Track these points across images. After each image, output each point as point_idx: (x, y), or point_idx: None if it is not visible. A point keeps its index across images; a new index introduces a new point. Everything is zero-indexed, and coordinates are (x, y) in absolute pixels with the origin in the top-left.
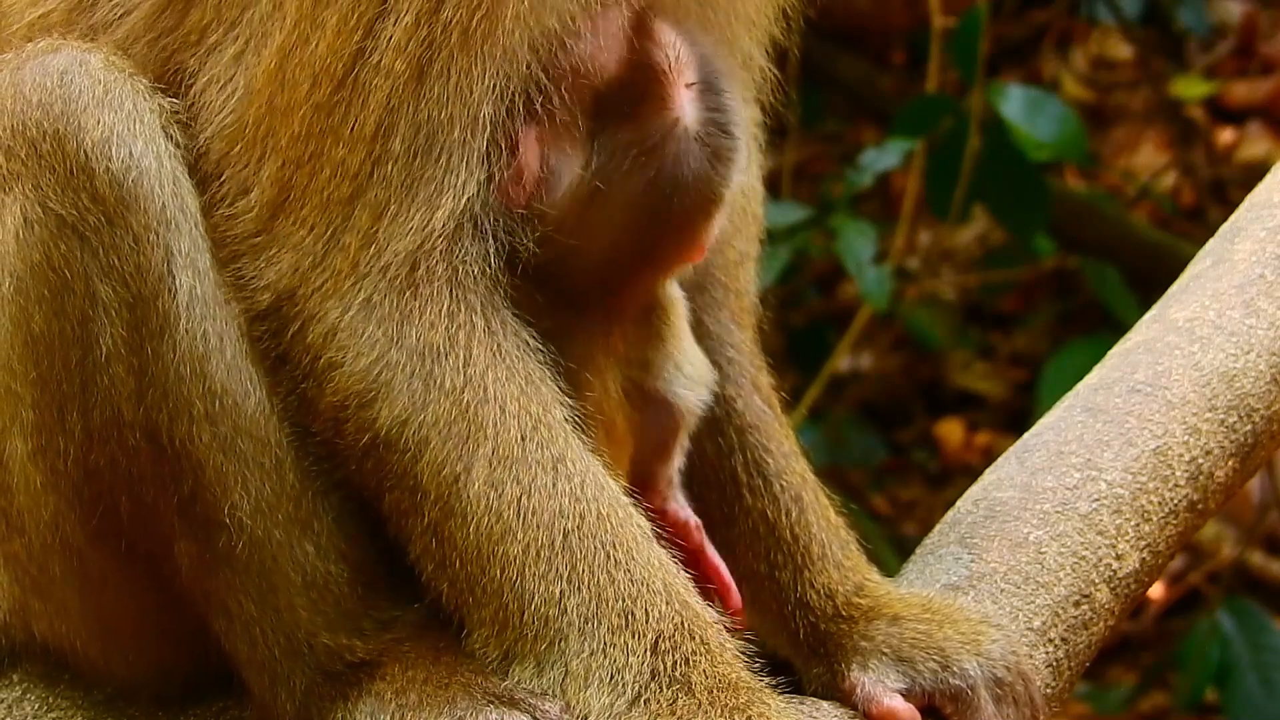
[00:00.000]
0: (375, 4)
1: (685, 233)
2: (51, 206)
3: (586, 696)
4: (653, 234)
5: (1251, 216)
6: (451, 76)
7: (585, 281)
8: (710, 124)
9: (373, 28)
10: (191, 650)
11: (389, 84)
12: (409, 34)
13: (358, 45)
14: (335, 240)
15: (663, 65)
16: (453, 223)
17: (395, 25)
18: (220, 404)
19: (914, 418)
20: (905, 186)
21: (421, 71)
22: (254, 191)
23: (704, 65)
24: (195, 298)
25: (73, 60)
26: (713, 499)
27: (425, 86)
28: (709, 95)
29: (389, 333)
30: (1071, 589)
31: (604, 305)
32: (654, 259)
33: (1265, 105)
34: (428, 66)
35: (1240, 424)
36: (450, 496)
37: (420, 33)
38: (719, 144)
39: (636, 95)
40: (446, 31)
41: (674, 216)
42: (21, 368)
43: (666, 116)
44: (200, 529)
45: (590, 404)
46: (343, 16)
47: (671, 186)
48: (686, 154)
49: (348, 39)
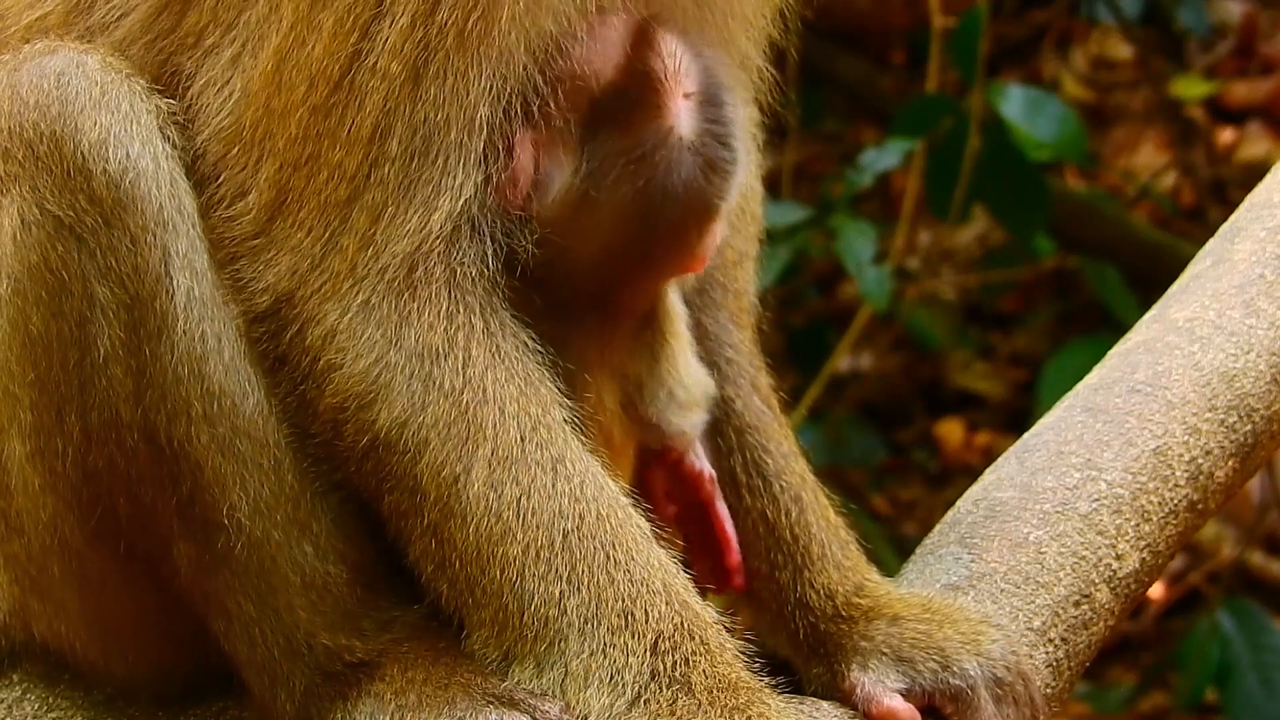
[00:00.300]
0: (371, 6)
1: (677, 242)
2: (49, 208)
3: (586, 697)
4: (643, 242)
5: (1251, 216)
6: (448, 79)
7: (578, 285)
8: (707, 135)
9: (369, 30)
10: (191, 651)
11: (385, 86)
12: (405, 36)
13: (354, 48)
14: (333, 242)
15: (660, 73)
16: (450, 224)
17: (391, 28)
18: (218, 405)
19: (914, 418)
20: (905, 186)
21: (418, 74)
22: (251, 194)
23: (706, 77)
24: (193, 299)
25: (70, 62)
26: None
27: (422, 88)
28: (708, 107)
29: (388, 334)
30: (1071, 589)
31: (600, 312)
32: (646, 267)
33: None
34: (424, 69)
35: (1240, 424)
36: (450, 497)
37: (416, 35)
38: (715, 156)
39: (632, 102)
40: (442, 33)
41: (665, 226)
42: (19, 369)
43: (660, 125)
44: (199, 530)
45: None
46: (339, 19)
47: (662, 195)
48: (679, 163)
49: (344, 41)
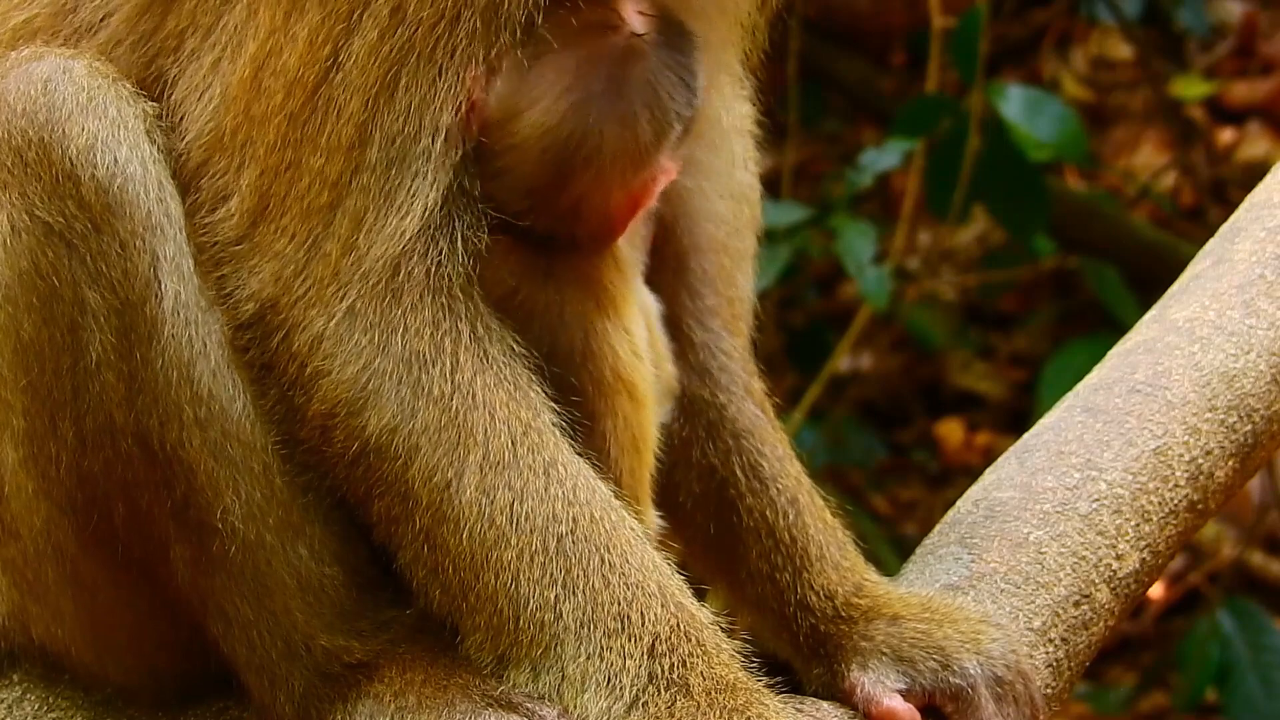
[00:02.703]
0: (342, 19)
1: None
2: (38, 214)
3: (584, 700)
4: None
5: (1251, 216)
6: (418, 90)
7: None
8: (664, 44)
9: (340, 44)
10: (186, 654)
11: (361, 96)
12: (375, 51)
13: (328, 59)
14: (316, 248)
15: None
16: (428, 226)
17: (362, 43)
18: (209, 409)
19: (914, 418)
20: (905, 186)
21: (391, 85)
22: (234, 199)
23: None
24: (181, 303)
25: (56, 68)
26: (711, 504)
27: (396, 98)
28: (666, 24)
29: (375, 340)
30: (1071, 589)
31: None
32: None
33: (1265, 105)
34: (395, 81)
35: (1240, 424)
36: (442, 503)
37: (385, 49)
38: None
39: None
40: (410, 47)
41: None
42: (12, 375)
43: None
44: (194, 533)
45: (607, 371)
46: (312, 31)
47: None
48: (630, 50)
49: (318, 53)
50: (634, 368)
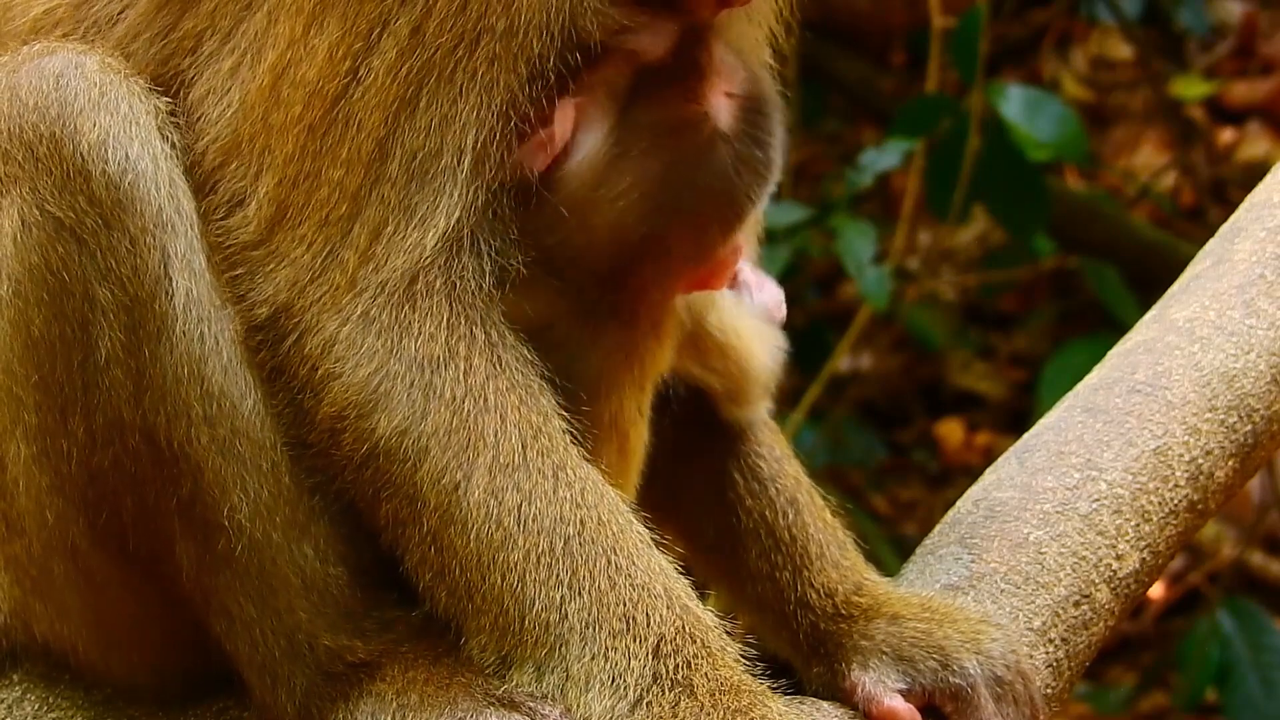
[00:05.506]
0: (362, 37)
1: (697, 236)
2: (49, 209)
3: (588, 700)
4: (662, 226)
5: (1251, 216)
6: (439, 107)
7: (591, 266)
8: (744, 134)
9: (360, 61)
10: (191, 651)
11: (381, 112)
12: (394, 69)
13: (347, 75)
14: (334, 256)
15: (705, 65)
16: (450, 239)
17: (380, 61)
18: (218, 406)
19: (914, 418)
20: (905, 186)
21: (413, 102)
22: (250, 205)
23: (751, 85)
24: (191, 300)
25: (68, 63)
26: (710, 504)
27: (418, 116)
28: (750, 110)
29: (388, 344)
30: (1071, 589)
31: (616, 310)
32: (662, 257)
33: (1265, 105)
34: (416, 98)
35: (1240, 424)
36: (450, 505)
37: (405, 67)
38: (749, 153)
39: (673, 82)
40: (429, 67)
41: (686, 212)
42: (22, 371)
43: (697, 110)
44: (200, 531)
45: (606, 417)
46: (332, 45)
47: (687, 178)
48: (710, 150)
49: (338, 68)
50: (634, 424)
